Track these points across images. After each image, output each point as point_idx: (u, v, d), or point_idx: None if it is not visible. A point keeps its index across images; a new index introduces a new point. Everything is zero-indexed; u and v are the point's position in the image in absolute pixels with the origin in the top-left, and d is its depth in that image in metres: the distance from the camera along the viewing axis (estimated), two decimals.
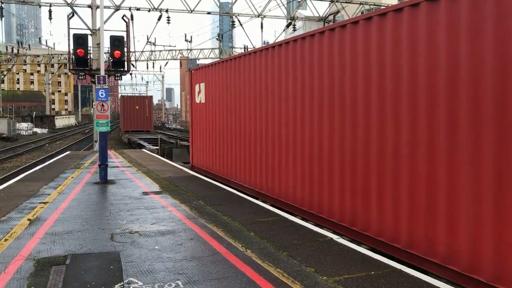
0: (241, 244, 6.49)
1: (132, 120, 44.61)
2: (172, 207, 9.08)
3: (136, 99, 47.59)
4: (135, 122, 44.55)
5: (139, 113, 44.69)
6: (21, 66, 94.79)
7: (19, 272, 5.33)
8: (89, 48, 21.30)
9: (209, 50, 52.08)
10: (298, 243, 6.54)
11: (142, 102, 46.16)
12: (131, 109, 44.82)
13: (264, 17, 29.04)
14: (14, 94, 77.40)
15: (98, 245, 6.49)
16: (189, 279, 5.13)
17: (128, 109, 45.08)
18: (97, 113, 12.81)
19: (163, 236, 6.96)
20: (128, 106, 45.16)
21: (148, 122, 45.31)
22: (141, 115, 44.69)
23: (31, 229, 7.32)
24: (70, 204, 9.33)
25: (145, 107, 45.26)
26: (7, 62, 57.14)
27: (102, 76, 12.63)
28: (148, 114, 44.93)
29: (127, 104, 45.23)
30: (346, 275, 5.28)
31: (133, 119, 44.65)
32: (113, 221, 7.94)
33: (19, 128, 52.82)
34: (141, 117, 44.74)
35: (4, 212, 8.52)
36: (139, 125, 44.52)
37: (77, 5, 24.46)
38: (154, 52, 50.91)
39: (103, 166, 12.40)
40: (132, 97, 48.83)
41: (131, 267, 5.50)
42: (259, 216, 8.25)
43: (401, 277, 5.22)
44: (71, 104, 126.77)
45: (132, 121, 44.58)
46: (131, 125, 44.28)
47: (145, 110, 44.95)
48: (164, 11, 26.48)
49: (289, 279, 5.14)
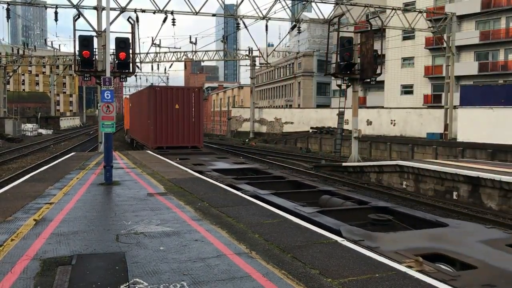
0: (246, 245, 6.51)
1: (167, 128, 25.19)
2: (176, 209, 9.11)
3: (174, 92, 25.80)
4: (172, 131, 25.31)
5: (178, 116, 25.32)
6: (27, 68, 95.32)
7: (26, 272, 5.37)
8: (94, 49, 21.46)
9: (214, 52, 52.19)
10: (302, 245, 6.55)
11: (185, 97, 25.67)
12: (164, 109, 25.08)
13: (269, 20, 29.08)
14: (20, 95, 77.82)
15: (103, 245, 6.52)
16: (194, 280, 5.16)
17: (158, 108, 24.99)
18: (102, 115, 12.86)
19: (168, 237, 6.99)
20: (157, 103, 24.99)
21: (196, 132, 25.88)
22: (185, 121, 25.49)
23: (37, 229, 7.36)
24: (75, 205, 9.37)
25: (190, 105, 25.70)
26: (12, 63, 57.43)
27: (107, 78, 12.69)
28: (195, 119, 25.72)
29: (154, 100, 25.03)
30: (351, 277, 5.29)
31: (168, 127, 25.21)
32: (118, 222, 7.97)
33: (24, 129, 53.07)
34: (183, 124, 25.48)
35: (11, 213, 8.57)
36: (180, 137, 25.50)
37: (83, 7, 24.58)
38: (159, 54, 51.07)
39: (108, 167, 12.45)
40: (166, 89, 26.86)
41: (136, 268, 5.53)
42: (263, 218, 8.26)
43: (405, 279, 5.22)
44: (75, 106, 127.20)
45: (167, 131, 25.23)
46: (164, 137, 25.23)
47: (190, 111, 25.64)
48: (169, 13, 26.56)
49: (293, 280, 5.15)
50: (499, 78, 41.54)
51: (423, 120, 36.38)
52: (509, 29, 41.39)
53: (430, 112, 37.23)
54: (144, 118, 27.34)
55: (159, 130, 24.79)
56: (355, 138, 25.67)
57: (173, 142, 24.98)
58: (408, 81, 49.80)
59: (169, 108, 24.84)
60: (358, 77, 24.46)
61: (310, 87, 69.26)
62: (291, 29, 33.15)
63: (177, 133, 25.14)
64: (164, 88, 26.91)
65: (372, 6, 29.69)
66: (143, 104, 28.11)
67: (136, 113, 32.70)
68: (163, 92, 25.23)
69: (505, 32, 41.62)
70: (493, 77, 42.12)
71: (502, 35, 41.81)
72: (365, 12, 29.92)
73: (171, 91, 25.47)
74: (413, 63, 49.25)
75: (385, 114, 40.44)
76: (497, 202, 14.93)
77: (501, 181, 14.52)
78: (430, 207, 15.52)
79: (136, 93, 36.90)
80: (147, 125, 26.08)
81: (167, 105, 24.81)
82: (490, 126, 26.96)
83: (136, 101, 33.26)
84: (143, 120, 27.94)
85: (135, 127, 34.57)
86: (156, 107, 24.59)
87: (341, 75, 24.67)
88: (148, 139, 26.01)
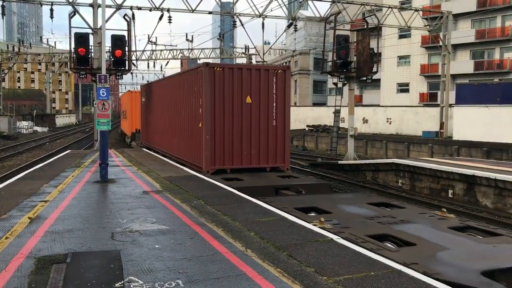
0: (241, 243, 6.50)
1: (231, 138, 14.94)
2: (172, 206, 9.09)
3: (244, 75, 14.95)
4: (239, 143, 15.02)
5: (251, 116, 15.14)
6: (22, 65, 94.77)
7: (20, 270, 5.34)
8: (90, 47, 21.35)
9: (210, 50, 52.10)
10: (298, 243, 6.55)
11: (262, 83, 15.19)
12: (227, 105, 14.86)
13: (266, 17, 29.03)
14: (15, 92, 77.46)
15: (98, 243, 6.50)
16: (189, 278, 5.15)
17: (218, 103, 14.74)
18: (98, 112, 12.83)
19: (164, 235, 6.97)
20: (216, 94, 14.69)
21: (278, 143, 15.54)
22: (261, 124, 15.26)
23: (31, 227, 7.33)
24: (70, 203, 9.34)
25: (270, 97, 15.37)
26: (8, 61, 57.14)
27: (103, 75, 12.64)
28: (277, 120, 15.48)
29: (211, 88, 14.59)
30: (346, 275, 5.29)
31: (234, 136, 14.98)
32: (113, 219, 7.95)
33: (20, 127, 52.85)
34: (259, 130, 15.24)
35: (5, 210, 8.53)
36: (254, 153, 15.20)
37: (78, 4, 24.45)
38: (155, 51, 50.90)
39: (103, 165, 12.42)
40: (231, 69, 15.05)
41: (131, 266, 5.52)
42: (259, 216, 8.26)
43: (400, 277, 5.23)
44: (71, 103, 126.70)
45: (233, 142, 14.96)
46: (228, 153, 14.97)
47: (270, 108, 15.38)
48: (166, 10, 26.45)
49: (289, 279, 5.15)
50: (495, 77, 41.65)
51: (419, 118, 36.45)
52: (505, 28, 41.49)
53: (426, 110, 37.30)
54: (182, 120, 16.94)
55: (220, 142, 14.55)
56: (351, 136, 25.69)
57: (241, 162, 14.83)
58: (404, 79, 49.87)
59: (236, 103, 14.68)
60: (355, 75, 24.47)
61: (306, 85, 69.27)
62: (288, 27, 33.13)
63: (248, 146, 14.85)
64: (229, 67, 14.98)
65: (368, 4, 29.70)
66: (179, 97, 17.40)
67: (159, 111, 21.38)
68: (226, 75, 14.57)
69: (500, 31, 41.73)
70: (489, 76, 42.23)
71: (497, 34, 41.91)
72: (361, 10, 29.89)
73: (240, 74, 14.73)
74: (409, 62, 49.31)
75: (381, 112, 40.51)
76: (492, 200, 14.98)
77: (496, 179, 14.57)
78: (425, 204, 15.56)
79: (160, 81, 23.44)
80: (191, 132, 15.71)
81: (231, 98, 14.62)
82: (486, 125, 27.04)
83: (159, 93, 21.57)
84: (179, 123, 17.41)
85: (156, 133, 22.51)
86: (214, 101, 14.43)
87: (338, 73, 24.65)
88: (196, 155, 15.19)
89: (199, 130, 14.85)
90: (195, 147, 15.41)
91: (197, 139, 15.15)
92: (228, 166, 14.85)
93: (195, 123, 15.30)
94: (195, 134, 15.42)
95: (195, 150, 15.48)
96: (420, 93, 47.92)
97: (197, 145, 15.19)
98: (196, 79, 15.30)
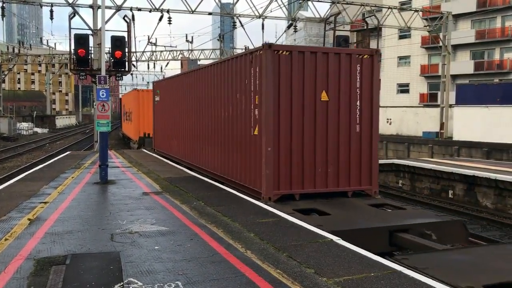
0: (241, 244, 6.49)
1: (301, 149, 10.26)
2: (172, 208, 9.08)
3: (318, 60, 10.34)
4: (310, 157, 10.32)
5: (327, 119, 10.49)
6: (22, 66, 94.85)
7: (19, 272, 5.33)
8: (90, 48, 21.31)
9: (210, 51, 52.10)
10: (298, 244, 6.54)
11: (342, 72, 10.60)
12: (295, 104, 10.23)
13: (265, 18, 29.05)
14: (15, 93, 77.49)
15: (98, 245, 6.49)
16: (189, 279, 5.14)
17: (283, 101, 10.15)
18: (97, 113, 12.83)
19: (163, 236, 6.96)
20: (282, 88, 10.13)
21: (364, 156, 11.01)
22: (340, 130, 10.63)
23: (31, 228, 7.32)
24: (70, 204, 9.34)
25: (353, 92, 10.70)
26: (8, 62, 57.18)
27: (103, 76, 12.64)
28: (363, 124, 10.86)
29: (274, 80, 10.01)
30: (346, 276, 5.28)
31: (305, 147, 10.31)
32: (113, 221, 7.94)
33: (20, 128, 52.88)
34: (338, 138, 10.62)
35: (5, 212, 8.53)
36: (332, 170, 10.58)
37: (78, 5, 24.47)
38: (155, 52, 50.89)
39: (103, 166, 12.41)
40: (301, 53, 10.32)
41: (131, 267, 5.51)
42: (259, 217, 8.25)
43: (400, 278, 5.22)
44: (71, 104, 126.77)
45: (303, 156, 10.28)
46: (296, 172, 10.27)
47: (353, 108, 10.72)
48: (165, 11, 26.48)
49: (288, 280, 5.14)
50: (495, 77, 41.65)
51: (419, 119, 36.43)
52: (505, 28, 41.49)
53: (426, 111, 37.28)
54: (221, 124, 12.86)
55: (286, 156, 10.32)
56: None
57: (314, 185, 10.57)
58: (404, 80, 49.85)
59: (307, 102, 10.46)
60: None
61: None
62: (288, 28, 33.13)
63: (324, 162, 10.65)
64: (298, 50, 10.59)
65: (368, 5, 29.71)
66: (217, 94, 13.14)
67: (183, 113, 16.83)
68: (294, 61, 10.34)
69: (500, 31, 41.72)
70: (489, 76, 42.22)
71: (497, 34, 41.90)
72: (361, 11, 29.91)
73: (313, 59, 10.47)
74: (409, 62, 49.30)
75: (381, 113, 40.26)
76: (493, 201, 14.97)
77: (497, 180, 14.56)
78: (425, 205, 15.55)
79: (185, 74, 17.61)
80: (239, 141, 11.56)
81: (301, 95, 10.40)
82: (486, 125, 27.03)
83: (184, 89, 16.85)
84: (216, 129, 13.26)
85: (176, 139, 18.19)
86: (279, 99, 10.23)
87: None
88: (248, 174, 11.03)
89: (253, 139, 10.58)
90: (246, 162, 10.99)
91: (249, 151, 10.83)
92: (297, 191, 10.29)
93: (246, 128, 11.02)
94: (246, 144, 11.03)
95: (246, 167, 11.08)
96: (420, 94, 47.91)
97: (249, 160, 10.82)
98: (246, 69, 10.98)
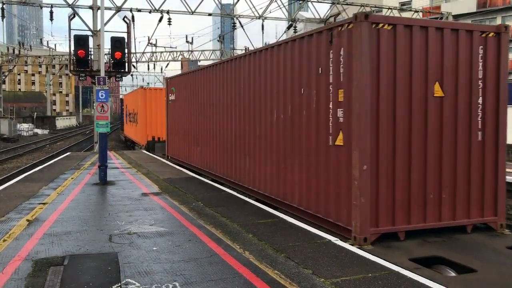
0: (240, 245, 6.49)
1: (407, 167, 6.99)
2: (171, 208, 9.09)
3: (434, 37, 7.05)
4: (420, 178, 7.05)
5: (441, 125, 7.20)
6: (23, 67, 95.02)
7: (17, 273, 5.34)
8: (90, 49, 21.34)
9: (210, 52, 52.11)
10: (296, 245, 6.54)
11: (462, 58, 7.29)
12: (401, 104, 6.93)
13: (265, 19, 29.07)
14: (16, 94, 77.57)
15: (96, 246, 6.49)
16: (186, 280, 5.14)
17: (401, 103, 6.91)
18: (97, 114, 12.84)
19: (162, 237, 6.96)
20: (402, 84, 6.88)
21: (487, 176, 7.55)
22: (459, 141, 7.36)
23: (29, 229, 7.33)
24: (69, 205, 9.34)
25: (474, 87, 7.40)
26: (8, 63, 57.23)
27: (102, 77, 12.65)
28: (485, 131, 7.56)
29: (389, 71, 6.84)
30: (344, 277, 5.28)
31: (414, 164, 7.01)
32: (111, 222, 7.94)
33: (20, 129, 52.86)
34: (455, 149, 7.33)
35: (3, 213, 8.53)
36: (448, 195, 7.24)
37: (78, 6, 24.51)
38: (155, 53, 50.88)
39: (102, 167, 12.42)
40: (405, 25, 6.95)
41: (128, 268, 5.51)
42: (258, 218, 8.25)
43: (398, 279, 5.22)
44: (72, 105, 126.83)
45: (413, 176, 7.00)
46: (404, 197, 6.96)
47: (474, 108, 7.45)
48: (165, 12, 26.50)
49: (286, 280, 5.14)
50: None
51: None
52: None
53: None
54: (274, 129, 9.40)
55: (386, 177, 6.94)
56: None
57: (424, 217, 7.15)
58: None
59: (415, 98, 7.08)
60: None
61: None
62: (287, 29, 33.16)
63: (437, 184, 7.25)
64: (404, 24, 7.05)
65: (368, 5, 29.75)
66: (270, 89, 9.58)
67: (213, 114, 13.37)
68: (399, 39, 6.94)
69: None
70: None
71: None
72: (361, 11, 29.96)
73: (423, 38, 7.07)
74: None
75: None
76: None
77: None
78: None
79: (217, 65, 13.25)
80: (305, 156, 8.22)
81: (408, 87, 7.02)
82: None
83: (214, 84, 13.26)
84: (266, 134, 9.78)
85: (200, 145, 14.74)
86: (378, 94, 6.85)
87: None
88: (328, 202, 7.53)
89: (332, 151, 7.46)
90: (320, 183, 7.84)
91: (325, 168, 7.68)
92: (402, 227, 7.04)
93: (318, 136, 7.86)
94: (318, 158, 7.87)
95: (316, 190, 7.93)
96: None
97: (324, 181, 7.69)
98: (320, 53, 7.80)
